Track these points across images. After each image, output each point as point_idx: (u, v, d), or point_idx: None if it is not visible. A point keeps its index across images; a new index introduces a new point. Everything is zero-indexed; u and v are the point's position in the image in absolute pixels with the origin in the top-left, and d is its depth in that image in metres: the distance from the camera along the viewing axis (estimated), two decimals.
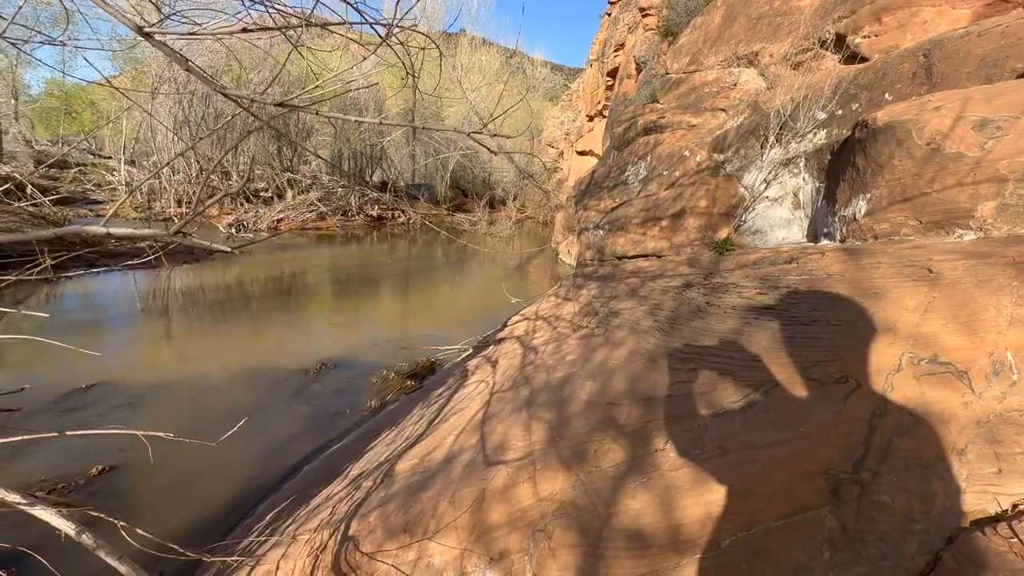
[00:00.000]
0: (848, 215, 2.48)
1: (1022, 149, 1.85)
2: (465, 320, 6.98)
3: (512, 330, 4.29)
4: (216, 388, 4.16)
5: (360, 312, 7.17)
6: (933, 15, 3.52)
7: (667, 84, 6.12)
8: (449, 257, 12.85)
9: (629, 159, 5.68)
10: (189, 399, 3.94)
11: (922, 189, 2.07)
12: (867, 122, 2.42)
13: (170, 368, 4.53)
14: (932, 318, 1.57)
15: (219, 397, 4.00)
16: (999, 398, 1.39)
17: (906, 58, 2.85)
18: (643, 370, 2.12)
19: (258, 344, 5.38)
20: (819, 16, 4.40)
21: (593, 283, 4.36)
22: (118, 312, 6.09)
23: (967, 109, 2.02)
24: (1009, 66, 2.27)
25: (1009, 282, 1.58)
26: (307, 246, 12.16)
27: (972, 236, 1.92)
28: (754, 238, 3.67)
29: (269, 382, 4.33)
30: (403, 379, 4.43)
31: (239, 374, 4.47)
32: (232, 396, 4.02)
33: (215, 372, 4.46)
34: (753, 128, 3.97)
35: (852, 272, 1.96)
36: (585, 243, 5.87)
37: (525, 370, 2.98)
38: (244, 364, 4.69)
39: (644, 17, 13.67)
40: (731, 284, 2.54)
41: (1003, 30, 2.38)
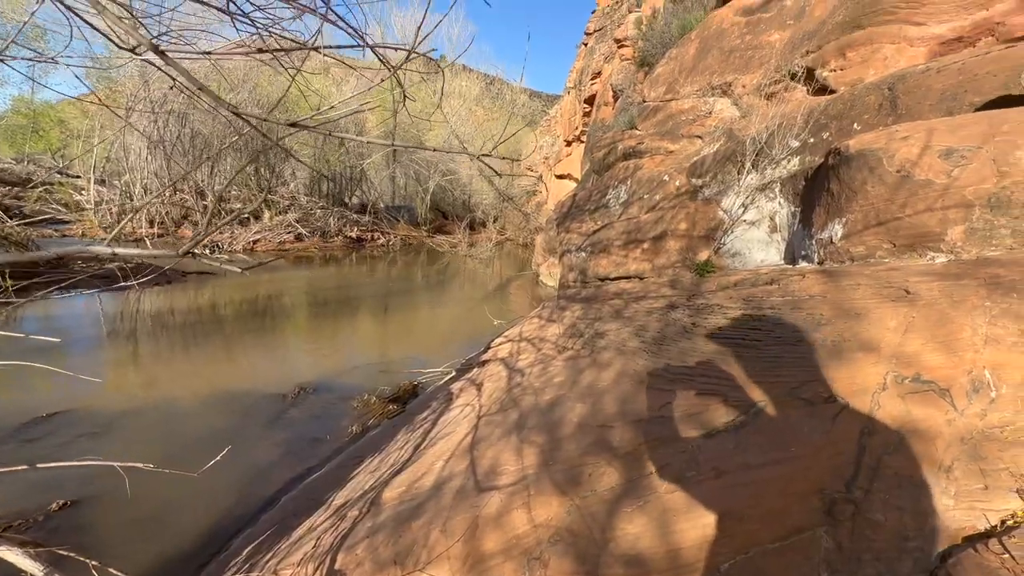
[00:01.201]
0: (825, 238, 2.57)
1: (986, 177, 1.96)
2: (446, 342, 6.91)
3: (496, 352, 4.26)
4: (187, 414, 3.99)
5: (338, 335, 7.03)
6: (893, 52, 3.74)
7: (645, 111, 6.32)
8: (429, 279, 12.78)
9: (610, 183, 5.80)
10: (158, 426, 3.77)
11: (895, 214, 2.16)
12: (840, 150, 2.54)
13: (137, 394, 4.33)
14: (913, 337, 1.63)
15: (190, 424, 3.83)
16: (980, 415, 1.44)
17: (872, 91, 3.02)
18: (633, 391, 2.12)
19: (232, 368, 5.20)
20: (788, 50, 4.64)
21: (577, 304, 4.38)
22: (82, 335, 5.83)
23: (933, 139, 2.14)
24: (967, 100, 2.43)
25: (982, 302, 1.65)
26: (284, 267, 11.94)
27: (944, 258, 2.01)
28: (733, 260, 3.75)
29: (244, 407, 4.18)
30: (385, 403, 4.33)
31: (211, 399, 4.30)
32: (204, 423, 3.86)
33: (185, 398, 4.28)
34: (729, 154, 4.11)
35: (833, 293, 2.02)
36: (568, 265, 5.93)
37: (512, 392, 2.94)
38: (217, 389, 4.52)
39: (620, 48, 14.19)
40: (715, 305, 2.58)
41: (960, 67, 2.54)
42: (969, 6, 3.41)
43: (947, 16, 3.49)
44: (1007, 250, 1.89)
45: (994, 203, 1.93)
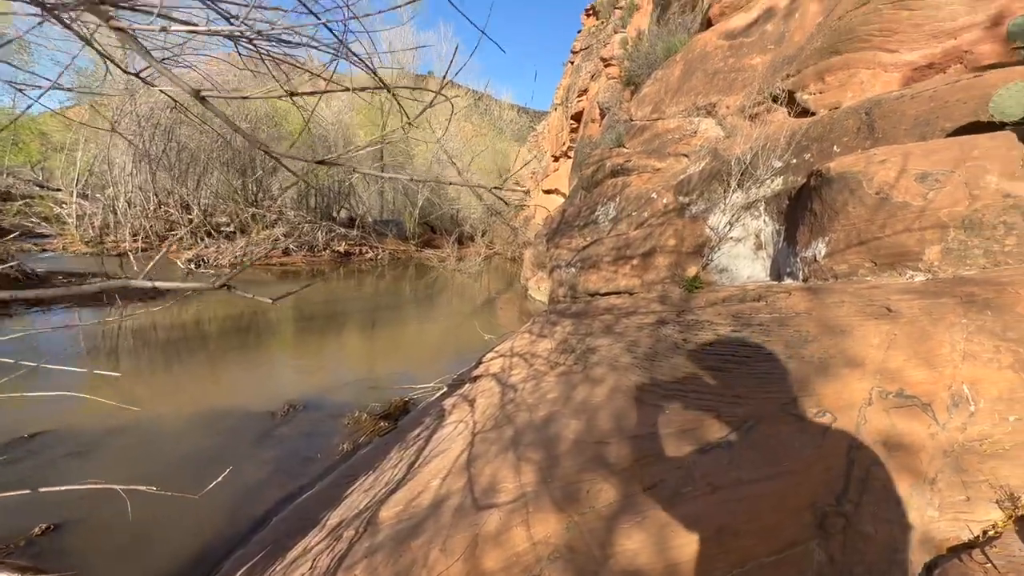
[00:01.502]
0: (809, 256, 2.66)
1: (959, 200, 2.07)
2: (436, 357, 6.89)
3: (488, 367, 4.27)
4: (171, 433, 3.92)
5: (326, 350, 6.97)
6: (868, 76, 3.91)
7: (632, 130, 6.47)
8: (418, 293, 12.75)
9: (599, 199, 5.90)
10: (142, 446, 3.69)
11: (875, 234, 2.25)
12: (821, 172, 2.64)
13: (119, 413, 4.24)
14: (895, 354, 1.69)
15: (175, 443, 3.76)
16: (961, 428, 1.50)
17: (850, 115, 3.15)
18: (627, 407, 2.16)
19: (217, 386, 5.12)
20: (770, 73, 4.81)
21: (567, 320, 4.43)
22: (61, 354, 5.70)
23: (909, 163, 2.24)
24: (939, 125, 2.55)
25: (959, 319, 1.73)
26: (270, 282, 11.83)
27: (922, 277, 2.10)
28: (721, 276, 3.84)
29: (231, 426, 4.11)
30: (376, 420, 4.30)
31: (196, 418, 4.23)
32: (190, 442, 3.80)
33: (169, 416, 4.20)
34: (715, 173, 4.23)
35: (818, 311, 2.09)
36: (557, 280, 5.98)
37: (506, 409, 2.96)
38: (202, 407, 4.44)
39: (606, 67, 14.51)
40: (705, 321, 2.64)
41: (931, 94, 2.68)
42: (939, 35, 3.59)
43: (918, 44, 3.66)
44: (980, 269, 1.99)
45: (967, 225, 2.03)
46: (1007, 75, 2.47)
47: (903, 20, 3.71)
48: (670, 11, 8.66)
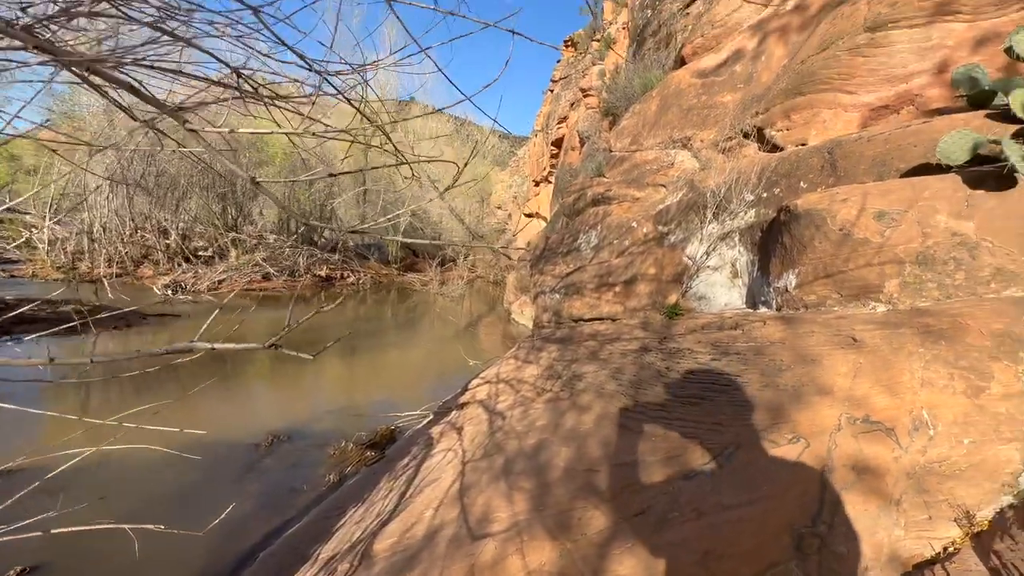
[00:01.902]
0: (781, 287, 2.82)
1: (912, 237, 2.25)
2: (419, 383, 6.89)
3: (474, 394, 4.31)
4: (148, 470, 3.82)
5: (308, 379, 6.90)
6: (831, 116, 4.20)
7: (612, 160, 6.72)
8: (400, 317, 12.72)
9: (581, 227, 6.08)
10: (118, 482, 3.60)
11: (839, 267, 2.43)
12: (790, 208, 2.83)
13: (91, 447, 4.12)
14: (861, 382, 1.83)
15: (154, 478, 3.68)
16: (922, 451, 1.63)
17: (814, 153, 3.39)
18: (615, 435, 2.24)
19: (195, 416, 5.02)
20: (740, 110, 5.10)
21: (553, 345, 4.51)
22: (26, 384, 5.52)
23: (867, 202, 2.44)
24: (894, 166, 2.78)
25: (917, 349, 1.88)
26: (249, 308, 11.67)
27: (883, 308, 2.27)
28: (700, 303, 4.00)
29: (213, 458, 4.04)
30: (362, 450, 4.28)
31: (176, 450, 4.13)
32: (170, 475, 3.72)
33: (145, 452, 4.09)
34: (691, 204, 4.44)
35: (791, 340, 2.23)
36: (542, 306, 6.09)
37: (495, 437, 3.01)
38: (181, 439, 4.34)
39: (585, 96, 15.02)
40: (686, 350, 2.77)
41: (886, 138, 2.92)
42: (892, 80, 3.90)
43: (873, 88, 3.96)
44: (935, 301, 2.16)
45: (921, 260, 2.22)
46: (951, 122, 2.71)
47: (859, 65, 4.01)
48: (645, 47, 9.09)
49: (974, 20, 3.62)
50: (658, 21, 8.73)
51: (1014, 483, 1.51)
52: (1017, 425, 1.61)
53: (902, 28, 3.83)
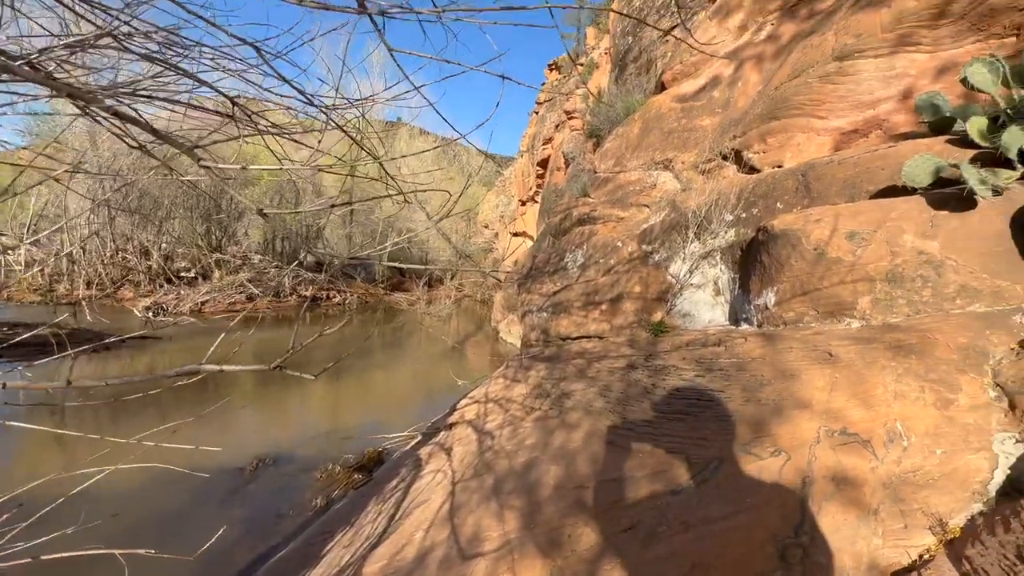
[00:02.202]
0: (761, 304, 2.92)
1: (882, 256, 2.37)
2: (408, 404, 6.85)
3: (463, 414, 4.31)
4: (128, 495, 3.73)
5: (293, 401, 6.81)
6: (804, 139, 4.38)
7: (596, 181, 6.88)
8: (386, 337, 12.64)
9: (567, 247, 6.18)
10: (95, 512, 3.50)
11: (815, 285, 2.53)
12: (767, 228, 2.95)
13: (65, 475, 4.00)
14: (838, 395, 1.90)
15: (133, 506, 3.59)
16: (897, 462, 1.69)
17: (789, 176, 3.54)
18: (603, 452, 2.28)
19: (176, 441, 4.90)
20: (718, 134, 5.29)
21: (541, 364, 4.55)
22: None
23: (839, 223, 2.56)
24: (864, 188, 2.92)
25: (889, 363, 1.96)
26: (233, 330, 11.49)
27: (857, 324, 2.36)
28: (684, 320, 4.09)
29: (195, 484, 3.94)
30: (350, 472, 4.23)
31: (156, 477, 4.04)
32: (151, 503, 3.63)
33: (123, 477, 4.00)
34: (674, 224, 4.56)
35: (771, 356, 2.30)
36: (529, 325, 6.14)
37: (485, 456, 3.02)
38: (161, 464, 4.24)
39: (569, 119, 15.36)
40: (671, 366, 2.83)
41: (856, 161, 3.07)
42: (860, 106, 4.10)
43: (843, 113, 4.16)
44: (905, 317, 2.26)
45: (891, 278, 2.33)
46: (915, 147, 2.87)
47: (829, 92, 4.21)
48: (627, 72, 9.39)
49: (934, 51, 3.84)
50: (639, 47, 9.05)
51: (983, 491, 1.58)
52: (984, 435, 1.69)
53: (868, 58, 4.04)
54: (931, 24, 3.81)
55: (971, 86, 2.78)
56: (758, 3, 5.88)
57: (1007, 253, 2.22)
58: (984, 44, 3.66)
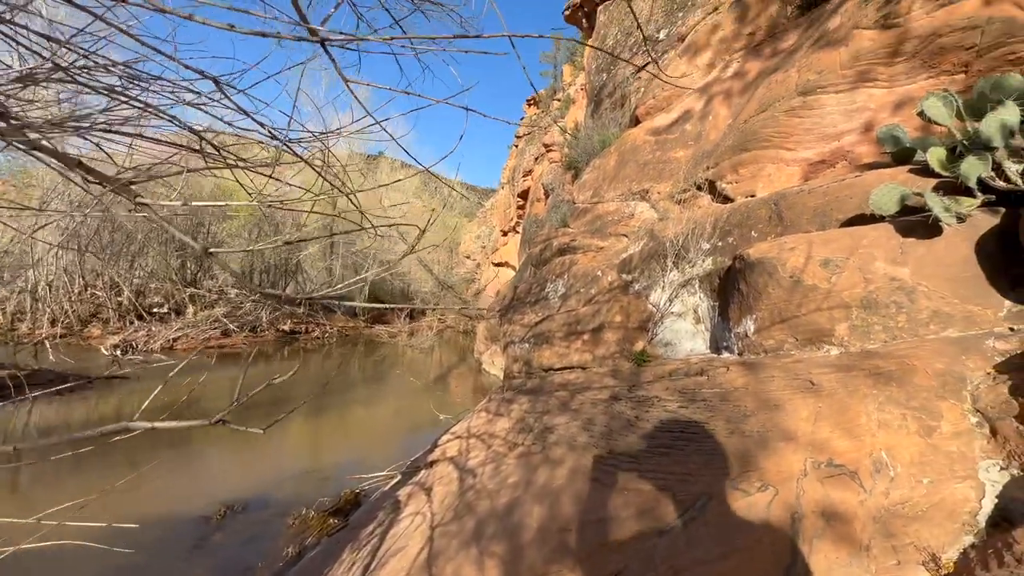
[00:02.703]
0: (741, 332, 2.92)
1: (856, 283, 2.40)
2: (388, 441, 6.63)
3: (444, 450, 4.17)
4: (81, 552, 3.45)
5: (269, 440, 6.51)
6: (774, 170, 4.52)
7: (575, 212, 6.96)
8: (367, 371, 12.37)
9: (548, 277, 6.18)
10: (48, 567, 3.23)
11: (793, 313, 2.54)
12: (744, 256, 2.98)
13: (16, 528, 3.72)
14: (822, 425, 1.87)
15: (87, 562, 3.32)
16: (885, 494, 1.65)
17: (761, 205, 3.61)
18: (587, 490, 2.19)
19: (141, 489, 4.63)
20: (692, 165, 5.43)
21: (523, 396, 4.45)
22: None
23: (813, 250, 2.60)
24: (834, 216, 2.99)
25: (870, 391, 1.95)
26: (206, 367, 11.11)
27: (836, 351, 2.36)
28: (666, 349, 4.07)
29: (158, 535, 3.70)
30: (325, 517, 4.02)
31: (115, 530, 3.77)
32: (106, 560, 3.36)
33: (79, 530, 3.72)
34: (653, 253, 4.60)
35: (754, 385, 2.28)
36: (512, 356, 6.05)
37: (466, 496, 2.89)
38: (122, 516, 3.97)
39: (548, 152, 15.70)
40: (654, 398, 2.78)
41: (825, 190, 3.16)
42: (825, 137, 4.26)
43: (810, 145, 4.31)
44: (883, 343, 2.28)
45: (866, 304, 2.35)
46: (880, 176, 2.96)
47: (796, 125, 4.37)
48: (602, 107, 9.67)
49: (891, 87, 4.04)
50: (613, 83, 9.36)
51: (973, 522, 1.55)
52: (969, 463, 1.67)
53: (830, 93, 4.23)
54: (886, 61, 4.02)
55: (928, 119, 2.90)
56: (724, 42, 6.16)
57: (975, 278, 2.27)
58: (936, 80, 3.87)
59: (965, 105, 2.79)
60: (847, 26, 4.32)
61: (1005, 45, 3.50)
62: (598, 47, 6.36)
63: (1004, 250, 2.31)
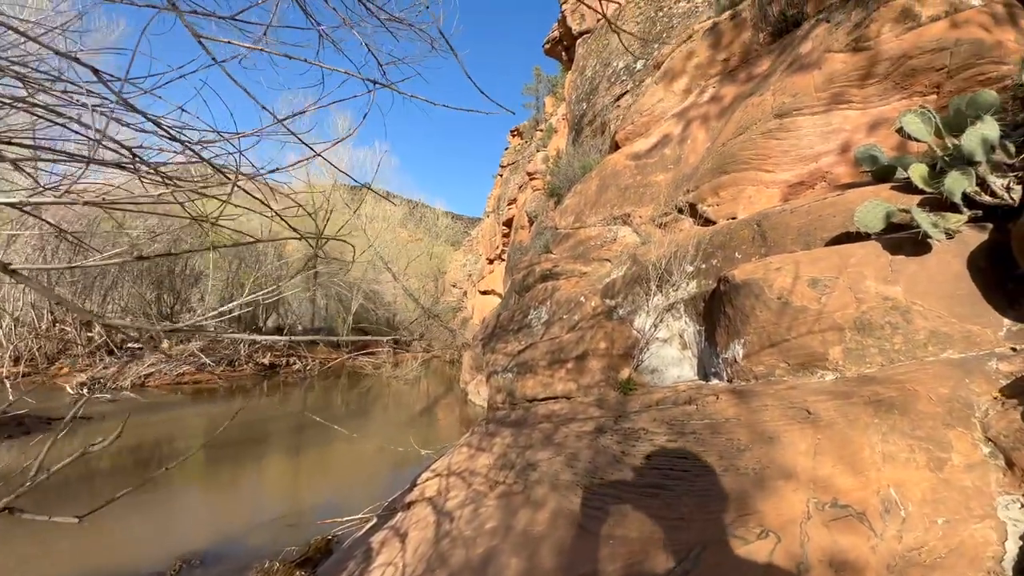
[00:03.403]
0: (730, 357, 2.77)
1: (847, 303, 2.28)
2: (370, 479, 6.29)
3: (423, 490, 3.92)
4: None
5: (243, 481, 6.14)
6: (754, 192, 4.48)
7: (558, 237, 6.87)
8: (350, 405, 11.96)
9: (531, 303, 6.02)
10: None
11: (783, 336, 2.41)
12: (728, 278, 2.86)
13: None
14: (823, 460, 1.71)
15: None
16: (897, 538, 1.48)
17: (745, 226, 3.53)
18: (570, 537, 1.98)
19: (97, 541, 4.24)
20: (672, 189, 5.40)
21: (506, 429, 4.24)
22: None
23: (800, 270, 2.49)
24: (819, 235, 2.91)
25: (872, 420, 1.80)
26: (181, 404, 10.64)
27: (831, 376, 2.22)
28: (652, 376, 3.90)
29: None
30: (291, 570, 3.69)
31: None
32: None
33: None
34: (636, 277, 4.49)
35: (746, 415, 2.11)
36: (495, 387, 5.83)
37: (440, 545, 2.65)
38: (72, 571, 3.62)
39: (531, 180, 15.81)
40: (641, 430, 2.60)
41: (808, 209, 3.08)
42: (803, 159, 4.24)
43: (788, 167, 4.29)
44: (880, 367, 2.14)
45: (859, 326, 2.23)
46: (862, 194, 2.90)
47: (774, 147, 4.36)
48: (583, 135, 9.77)
49: (865, 108, 4.06)
50: (593, 112, 9.48)
51: (999, 569, 1.38)
52: (986, 499, 1.51)
53: (806, 115, 4.24)
54: (859, 84, 4.05)
55: (907, 135, 2.87)
56: (699, 68, 6.25)
57: (970, 296, 2.17)
58: (909, 101, 3.89)
59: (943, 122, 2.76)
60: (819, 50, 4.37)
61: (975, 66, 3.54)
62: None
63: (996, 266, 2.22)
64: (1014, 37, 3.56)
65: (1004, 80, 3.28)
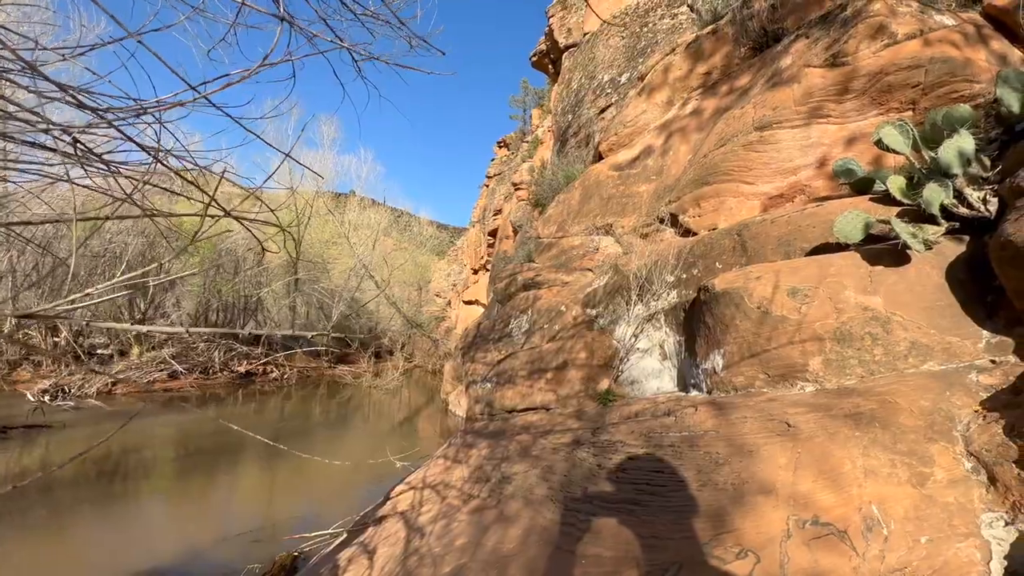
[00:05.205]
0: (709, 368, 2.71)
1: (828, 313, 2.25)
2: (344, 491, 6.08)
3: (396, 504, 3.78)
4: None
5: (213, 494, 5.87)
6: (735, 203, 4.48)
7: (541, 247, 6.82)
8: (328, 415, 11.65)
9: (512, 312, 5.94)
10: None
11: (763, 346, 2.36)
12: (708, 287, 2.82)
13: None
14: (803, 475, 1.64)
15: None
16: (880, 557, 1.41)
17: (725, 236, 3.51)
18: (542, 556, 1.88)
19: (57, 552, 3.98)
20: (654, 199, 5.39)
21: (484, 441, 4.12)
22: None
23: (780, 280, 2.45)
24: (799, 245, 2.89)
25: (852, 434, 1.75)
26: (150, 413, 10.24)
27: (811, 388, 2.18)
28: (632, 388, 3.83)
29: None
30: None
31: None
32: None
33: None
34: (617, 287, 4.44)
35: (724, 428, 2.05)
36: (474, 397, 5.71)
37: (408, 563, 2.53)
38: None
39: (516, 190, 15.82)
40: (618, 442, 2.52)
41: (787, 219, 3.07)
42: (783, 172, 4.26)
43: (768, 179, 4.31)
44: (860, 379, 2.10)
45: (839, 337, 2.19)
46: (841, 205, 2.90)
47: (754, 159, 4.38)
48: (568, 146, 9.80)
49: (843, 123, 4.10)
50: (578, 123, 9.52)
51: None
52: (970, 516, 1.46)
53: (785, 128, 4.26)
54: (837, 99, 4.09)
55: (885, 147, 2.87)
56: (681, 81, 6.30)
57: (949, 307, 2.15)
58: (886, 117, 3.94)
59: (921, 135, 2.77)
60: (798, 64, 4.42)
61: (948, 84, 3.60)
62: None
63: (975, 278, 2.21)
64: (984, 56, 3.64)
65: (977, 98, 3.34)
